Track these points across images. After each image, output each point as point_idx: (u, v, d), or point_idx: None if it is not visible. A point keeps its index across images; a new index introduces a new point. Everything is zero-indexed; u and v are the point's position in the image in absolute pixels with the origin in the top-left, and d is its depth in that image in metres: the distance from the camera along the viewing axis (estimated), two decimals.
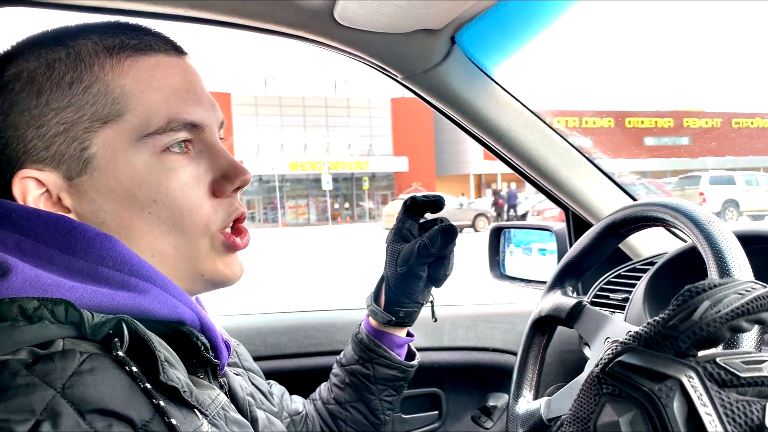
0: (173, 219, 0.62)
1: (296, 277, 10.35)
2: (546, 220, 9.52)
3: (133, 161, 0.60)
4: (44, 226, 0.57)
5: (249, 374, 0.89)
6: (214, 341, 0.64)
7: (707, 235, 0.69)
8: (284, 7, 1.01)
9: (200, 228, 0.63)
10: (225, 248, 0.66)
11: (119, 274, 0.57)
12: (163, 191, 0.61)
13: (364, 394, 1.00)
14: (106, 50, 0.61)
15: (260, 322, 1.38)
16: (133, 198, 0.60)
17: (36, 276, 0.53)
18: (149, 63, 0.62)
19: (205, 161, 0.65)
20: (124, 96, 0.60)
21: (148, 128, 0.60)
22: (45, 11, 1.01)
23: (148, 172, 0.60)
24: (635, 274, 1.17)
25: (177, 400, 0.53)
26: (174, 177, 0.61)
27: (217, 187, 0.65)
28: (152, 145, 0.60)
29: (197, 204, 0.63)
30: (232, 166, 0.65)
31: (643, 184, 12.69)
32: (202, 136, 0.65)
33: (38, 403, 0.44)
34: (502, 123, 1.23)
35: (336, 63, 44.16)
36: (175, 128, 0.61)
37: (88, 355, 0.49)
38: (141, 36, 0.63)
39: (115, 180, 0.60)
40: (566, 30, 10.66)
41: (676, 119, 30.78)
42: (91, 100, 0.59)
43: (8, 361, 0.47)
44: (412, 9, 0.99)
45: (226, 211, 0.65)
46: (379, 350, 0.99)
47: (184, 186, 0.62)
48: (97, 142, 0.60)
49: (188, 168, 0.63)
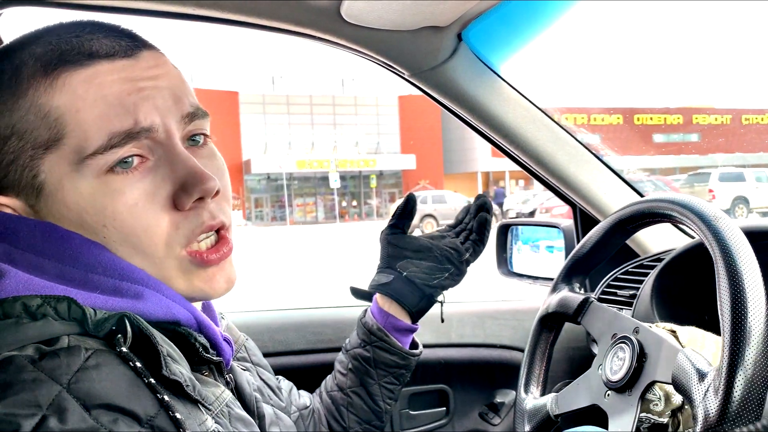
0: (130, 242, 0.58)
1: (304, 275, 10.37)
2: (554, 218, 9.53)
3: (77, 186, 0.57)
4: (32, 234, 0.57)
5: (258, 369, 0.89)
6: (213, 339, 0.64)
7: (715, 232, 0.69)
8: (292, 5, 1.01)
9: (161, 249, 0.59)
10: (195, 266, 0.61)
11: (110, 279, 0.57)
12: (109, 215, 0.57)
13: (364, 378, 1.01)
14: (42, 68, 0.57)
15: (268, 319, 1.38)
16: (85, 224, 0.57)
17: (29, 279, 0.53)
18: (85, 75, 0.57)
19: (163, 171, 0.59)
20: (59, 118, 0.56)
21: (87, 149, 0.56)
22: (57, 11, 1.01)
23: (93, 196, 0.57)
24: (643, 270, 1.17)
25: (181, 395, 0.53)
26: (120, 199, 0.57)
27: (176, 200, 0.59)
28: (94, 167, 0.56)
29: (152, 223, 0.58)
30: (190, 174, 0.59)
31: (652, 181, 12.63)
32: (158, 140, 0.59)
33: (45, 398, 0.45)
34: (509, 120, 1.23)
35: (343, 61, 44.18)
36: (117, 144, 0.56)
37: (93, 351, 0.50)
38: (84, 43, 0.58)
39: (65, 206, 0.58)
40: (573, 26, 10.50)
41: (685, 116, 30.57)
42: (29, 127, 0.57)
43: (15, 357, 0.47)
44: (419, 6, 0.99)
45: (189, 226, 0.60)
46: (380, 333, 1.00)
47: (132, 207, 0.57)
48: (44, 169, 0.57)
49: (138, 185, 0.58)
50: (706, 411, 0.62)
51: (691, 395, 0.65)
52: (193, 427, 0.52)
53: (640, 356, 0.75)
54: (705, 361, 0.67)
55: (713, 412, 0.61)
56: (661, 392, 0.75)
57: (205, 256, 0.61)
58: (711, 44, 72.84)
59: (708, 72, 63.46)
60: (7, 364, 0.47)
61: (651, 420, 0.76)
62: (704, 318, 0.98)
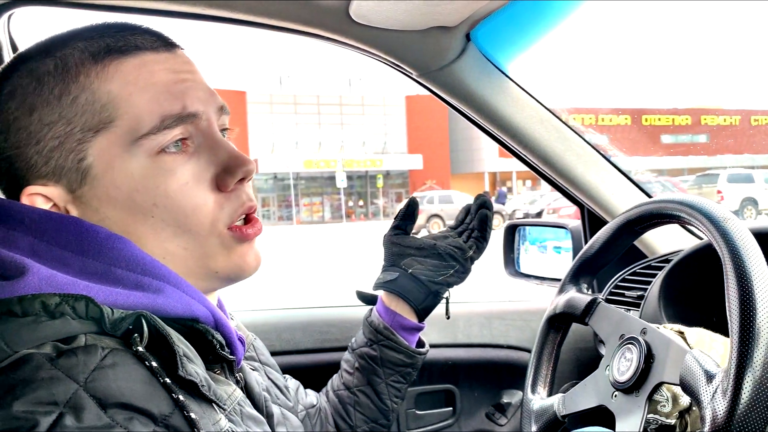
0: (177, 221, 0.61)
1: (311, 274, 10.38)
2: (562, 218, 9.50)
3: (129, 167, 0.59)
4: (57, 228, 0.58)
5: (265, 368, 0.90)
6: (229, 338, 0.64)
7: (723, 233, 0.69)
8: (300, 5, 1.02)
9: (206, 227, 0.62)
10: (236, 241, 0.64)
11: (132, 274, 0.58)
12: (162, 194, 0.60)
13: (371, 377, 1.01)
14: (91, 57, 0.60)
15: (275, 318, 1.39)
16: (134, 204, 0.59)
17: (51, 275, 0.54)
18: (134, 63, 0.61)
19: (205, 155, 0.63)
20: (111, 102, 0.59)
21: (140, 130, 0.59)
22: (67, 11, 1.02)
23: (145, 176, 0.59)
24: (651, 271, 1.17)
25: (195, 395, 0.54)
26: (172, 178, 0.60)
27: (220, 182, 0.63)
28: (147, 148, 0.59)
29: (200, 203, 0.61)
30: (232, 158, 0.63)
31: (660, 182, 12.57)
32: (200, 127, 0.63)
33: (62, 395, 0.46)
34: (517, 120, 1.23)
35: (351, 61, 44.22)
36: (169, 125, 0.60)
37: (110, 350, 0.50)
38: (126, 36, 0.62)
39: (114, 187, 0.59)
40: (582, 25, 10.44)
41: (693, 116, 30.43)
42: (79, 111, 0.59)
43: (33, 355, 0.48)
44: (427, 6, 0.99)
45: (232, 206, 0.64)
46: (386, 332, 1.00)
47: (183, 186, 0.61)
48: (92, 152, 0.59)
49: (187, 166, 0.61)
50: (714, 412, 0.62)
51: (698, 397, 0.65)
52: (208, 426, 0.53)
53: (648, 357, 0.75)
54: (713, 363, 0.67)
55: (721, 413, 0.61)
56: (668, 393, 0.75)
57: (244, 230, 0.65)
58: (720, 44, 72.47)
59: (717, 72, 63.17)
60: (25, 362, 0.48)
61: (658, 421, 0.76)
62: (712, 319, 0.97)
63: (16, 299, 0.51)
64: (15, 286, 0.52)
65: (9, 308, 0.51)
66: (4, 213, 0.59)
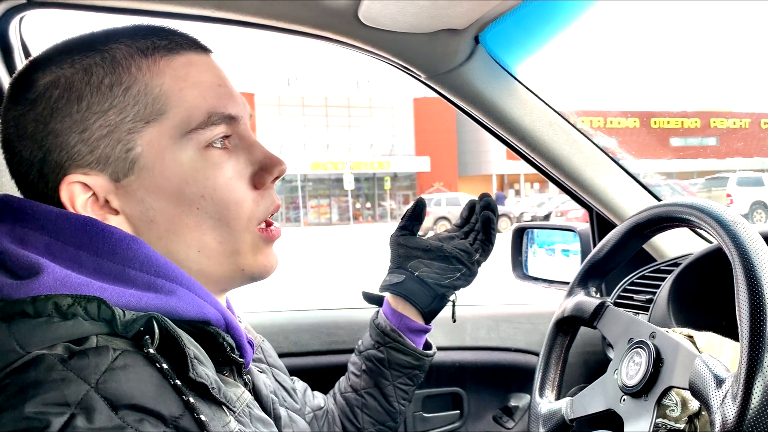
0: (220, 213, 0.63)
1: (319, 276, 10.39)
2: (570, 221, 9.41)
3: (179, 158, 0.61)
4: (72, 228, 0.58)
5: (273, 370, 0.90)
6: (239, 341, 0.65)
7: (733, 236, 0.68)
8: (309, 8, 1.02)
9: (243, 222, 0.65)
10: (263, 241, 0.67)
11: (145, 275, 0.58)
12: (210, 186, 0.62)
13: (378, 379, 1.01)
14: (140, 52, 0.61)
15: (283, 320, 1.39)
16: (182, 194, 0.61)
17: (66, 276, 0.54)
18: (182, 62, 0.63)
19: (243, 155, 0.66)
20: (163, 95, 0.61)
21: (191, 124, 0.61)
22: (72, 13, 1.03)
23: (195, 168, 0.61)
24: (660, 275, 1.16)
25: (206, 397, 0.54)
26: (219, 172, 0.63)
27: (257, 180, 0.66)
28: (195, 141, 0.61)
29: (242, 198, 0.64)
30: (268, 158, 0.67)
31: (669, 185, 12.51)
32: (238, 130, 0.66)
33: (73, 397, 0.46)
34: (525, 122, 1.22)
35: (359, 63, 44.26)
36: (215, 122, 0.62)
37: (121, 351, 0.50)
38: (170, 36, 0.64)
39: (164, 178, 0.61)
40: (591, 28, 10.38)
41: (703, 119, 30.25)
42: (132, 101, 0.60)
43: (45, 356, 0.48)
44: (436, 9, 0.99)
45: (266, 204, 0.67)
46: (394, 334, 1.00)
47: (228, 180, 0.63)
48: (141, 142, 0.60)
49: (230, 162, 0.64)
50: (723, 417, 0.62)
51: (708, 401, 0.64)
52: (217, 428, 0.53)
53: (657, 361, 0.75)
54: (723, 367, 0.66)
55: (731, 418, 0.61)
56: (677, 398, 0.75)
57: (270, 231, 0.68)
58: (730, 47, 72.11)
59: (727, 75, 62.86)
60: (37, 363, 0.48)
61: (667, 426, 0.75)
62: (722, 323, 0.97)
63: (30, 300, 0.52)
64: (30, 286, 0.53)
65: (22, 309, 0.51)
66: (20, 212, 0.59)
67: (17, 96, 0.61)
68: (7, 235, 0.58)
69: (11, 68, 1.06)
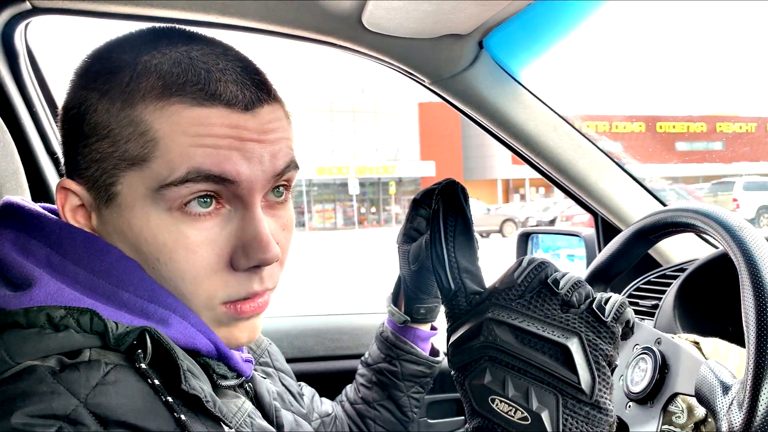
0: (174, 283, 0.57)
1: (323, 281, 10.38)
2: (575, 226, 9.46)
3: (147, 213, 0.56)
4: (73, 242, 0.57)
5: (280, 374, 0.89)
6: (233, 366, 0.63)
7: (739, 242, 0.68)
8: (313, 14, 1.02)
9: (202, 300, 0.59)
10: (228, 317, 0.61)
11: (139, 299, 0.57)
12: (167, 253, 0.56)
13: (392, 391, 1.00)
14: (161, 89, 0.55)
15: (288, 325, 1.39)
16: (140, 250, 0.57)
17: (59, 290, 0.54)
18: (198, 114, 0.55)
19: (232, 226, 0.58)
20: (154, 141, 0.55)
21: (167, 179, 0.55)
22: (85, 20, 1.03)
23: (158, 228, 0.56)
24: (665, 280, 1.15)
25: (200, 411, 0.53)
26: (182, 241, 0.56)
27: (234, 259, 0.58)
28: (168, 199, 0.55)
29: (201, 275, 0.57)
30: (256, 240, 0.58)
31: (674, 190, 12.47)
32: (237, 193, 0.57)
33: (61, 410, 0.45)
34: (530, 127, 1.22)
35: (364, 68, 44.33)
36: (195, 179, 0.55)
37: (113, 366, 0.50)
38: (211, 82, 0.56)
39: (128, 226, 0.57)
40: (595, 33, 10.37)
41: (709, 124, 30.19)
42: (126, 137, 0.56)
43: (36, 367, 0.48)
44: (439, 14, 0.99)
45: (236, 288, 0.59)
46: (406, 346, 0.99)
47: (190, 254, 0.56)
48: (123, 182, 0.56)
49: (203, 234, 0.57)
50: (730, 424, 0.61)
51: (714, 408, 0.64)
52: None
53: (662, 367, 0.74)
54: (729, 374, 0.66)
55: (737, 425, 0.60)
56: (683, 404, 0.74)
57: (239, 307, 0.60)
58: (735, 51, 71.96)
59: (733, 79, 62.69)
60: (28, 374, 0.47)
61: None
62: (728, 329, 0.96)
63: (22, 311, 0.51)
64: (22, 298, 0.52)
65: (15, 319, 0.51)
66: (26, 220, 0.59)
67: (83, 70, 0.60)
68: (11, 242, 0.57)
69: (17, 74, 1.07)
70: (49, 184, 1.07)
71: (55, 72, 1.17)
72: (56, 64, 1.21)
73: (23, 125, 1.09)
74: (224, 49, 0.60)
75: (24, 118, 1.09)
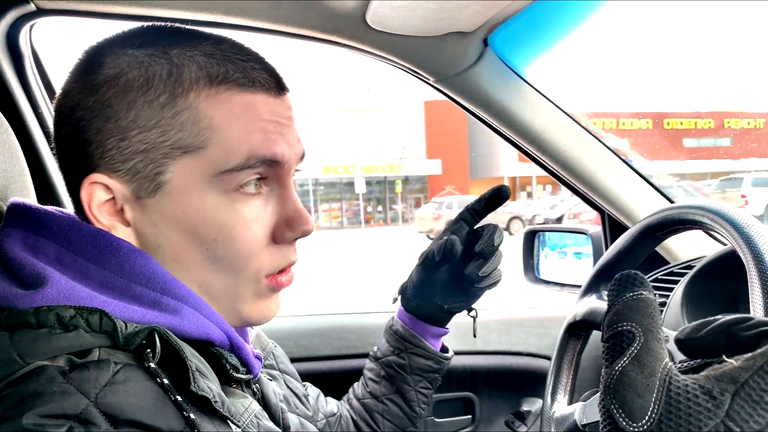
0: (228, 260, 0.60)
1: (329, 280, 10.40)
2: (582, 224, 9.40)
3: (204, 197, 0.59)
4: (83, 239, 0.58)
5: (285, 377, 0.89)
6: (245, 359, 0.64)
7: (747, 239, 0.67)
8: (316, 13, 1.02)
9: (251, 273, 0.62)
10: (269, 290, 0.65)
11: (152, 292, 0.57)
12: (226, 233, 0.59)
13: (400, 385, 1.01)
14: (207, 78, 0.58)
15: (293, 325, 1.39)
16: (195, 232, 0.59)
17: (70, 288, 0.54)
18: (246, 100, 0.60)
19: (273, 202, 0.63)
20: (210, 128, 0.58)
21: (226, 165, 0.58)
22: (87, 20, 1.03)
23: (216, 210, 0.59)
24: (673, 278, 1.15)
25: (209, 411, 0.53)
26: (240, 219, 0.60)
27: (278, 233, 0.63)
28: (227, 183, 0.59)
29: (255, 250, 0.61)
30: (297, 214, 0.64)
31: (682, 187, 12.42)
32: (279, 174, 0.63)
33: (71, 410, 0.45)
34: (535, 125, 1.22)
35: (370, 67, 44.36)
36: (252, 165, 0.59)
37: (123, 365, 0.50)
38: (247, 69, 0.60)
39: (182, 211, 0.58)
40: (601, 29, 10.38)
41: (716, 120, 30.04)
42: (178, 127, 0.57)
43: (46, 367, 0.48)
44: (444, 12, 0.98)
45: (279, 260, 0.64)
46: (415, 340, 1.00)
47: (247, 229, 0.60)
48: (173, 170, 0.58)
49: (255, 209, 0.61)
50: None
51: None
52: None
53: None
54: None
55: None
56: None
57: (278, 279, 0.65)
58: (743, 46, 71.52)
59: (740, 75, 62.34)
60: (38, 374, 0.47)
61: None
62: None
63: (33, 310, 0.51)
64: (33, 297, 0.53)
65: (25, 319, 0.51)
66: (34, 219, 0.59)
67: (84, 70, 0.60)
68: (19, 241, 0.58)
69: (22, 76, 1.07)
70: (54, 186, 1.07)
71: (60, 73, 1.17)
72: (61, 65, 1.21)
73: (28, 127, 1.09)
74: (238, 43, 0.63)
75: (29, 120, 1.10)
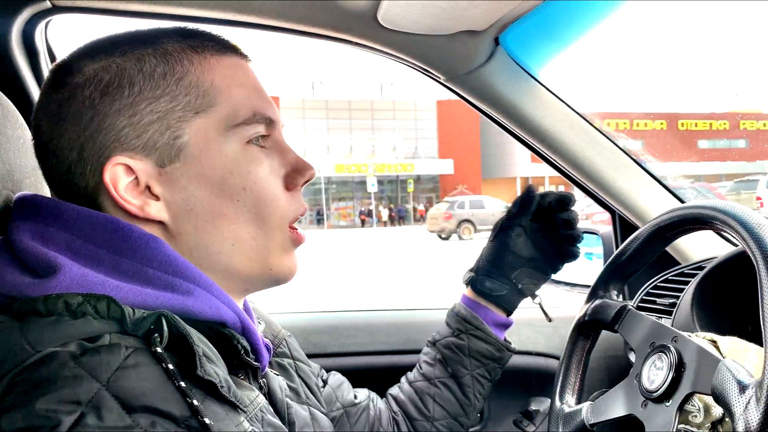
0: (257, 208, 0.64)
1: (341, 278, 10.41)
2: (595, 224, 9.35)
3: (224, 150, 0.63)
4: (93, 226, 0.58)
5: (297, 364, 0.88)
6: (255, 344, 0.64)
7: (757, 240, 0.67)
8: (328, 11, 1.02)
9: (277, 220, 0.66)
10: (291, 243, 0.69)
11: (164, 274, 0.58)
12: (252, 179, 0.64)
13: (456, 367, 0.99)
14: (190, 48, 0.64)
15: (304, 321, 1.39)
16: (225, 185, 0.63)
17: (83, 275, 0.55)
18: (231, 62, 0.66)
19: (277, 156, 0.68)
20: (213, 89, 0.63)
21: (236, 119, 0.63)
22: (101, 18, 1.05)
23: (238, 160, 0.63)
24: (683, 278, 1.14)
25: (215, 396, 0.53)
26: (259, 167, 0.65)
27: (289, 181, 0.68)
28: (240, 136, 0.64)
29: (277, 195, 0.66)
30: (300, 161, 0.69)
31: (695, 188, 12.32)
32: (273, 133, 0.68)
33: (84, 395, 0.46)
34: (546, 124, 1.22)
35: (382, 66, 44.34)
36: (258, 121, 0.65)
37: (133, 350, 0.50)
38: (215, 39, 0.67)
39: (208, 167, 0.62)
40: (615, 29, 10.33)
41: (731, 121, 29.76)
42: (183, 91, 0.62)
43: (58, 353, 0.48)
44: (455, 10, 0.99)
45: (295, 205, 0.69)
46: (476, 321, 1.00)
47: (267, 176, 0.66)
48: (189, 131, 0.62)
49: (266, 160, 0.66)
50: (746, 424, 0.60)
51: (731, 407, 0.63)
52: (230, 427, 0.53)
53: (679, 366, 0.73)
54: (746, 373, 0.65)
55: (754, 425, 0.59)
56: (700, 404, 0.73)
57: (297, 233, 0.70)
58: (759, 47, 70.78)
59: (756, 76, 61.65)
60: (50, 360, 0.48)
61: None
62: (747, 329, 0.95)
63: (42, 298, 0.52)
64: (46, 285, 0.53)
65: (34, 307, 0.52)
66: (43, 210, 0.60)
67: (61, 80, 0.62)
68: (29, 232, 0.58)
69: (37, 72, 1.08)
70: None
71: None
72: None
73: None
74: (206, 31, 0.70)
75: None
